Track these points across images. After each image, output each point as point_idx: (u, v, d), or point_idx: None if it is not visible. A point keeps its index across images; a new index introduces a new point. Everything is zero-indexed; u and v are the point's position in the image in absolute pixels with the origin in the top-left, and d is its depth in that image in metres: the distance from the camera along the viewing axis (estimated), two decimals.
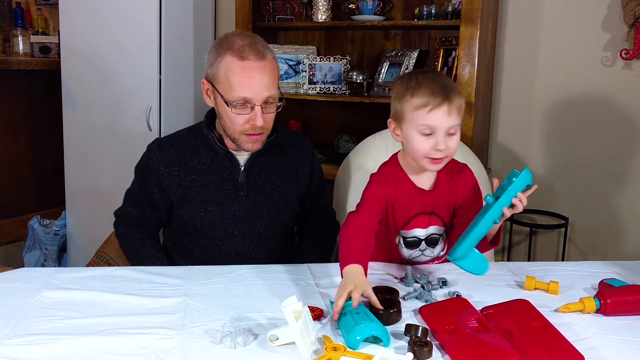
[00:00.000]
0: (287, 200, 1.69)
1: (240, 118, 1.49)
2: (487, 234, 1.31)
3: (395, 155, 1.49)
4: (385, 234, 1.48)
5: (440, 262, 1.53)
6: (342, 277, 1.20)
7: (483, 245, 1.32)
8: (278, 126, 1.64)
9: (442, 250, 1.52)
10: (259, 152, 1.61)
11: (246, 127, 1.51)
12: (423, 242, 1.47)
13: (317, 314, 1.15)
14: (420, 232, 1.46)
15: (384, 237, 1.48)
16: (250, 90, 1.46)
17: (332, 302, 1.18)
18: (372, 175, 1.47)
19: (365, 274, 1.22)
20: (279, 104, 1.54)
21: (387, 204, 1.42)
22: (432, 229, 1.46)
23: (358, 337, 1.02)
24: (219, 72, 1.49)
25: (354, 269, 1.20)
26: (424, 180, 1.44)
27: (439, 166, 1.38)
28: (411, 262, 1.51)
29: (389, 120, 1.42)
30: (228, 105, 1.48)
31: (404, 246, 1.48)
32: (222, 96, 1.49)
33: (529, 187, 1.26)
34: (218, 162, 1.62)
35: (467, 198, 1.46)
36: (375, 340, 1.05)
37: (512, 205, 1.26)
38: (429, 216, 1.45)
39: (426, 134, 1.33)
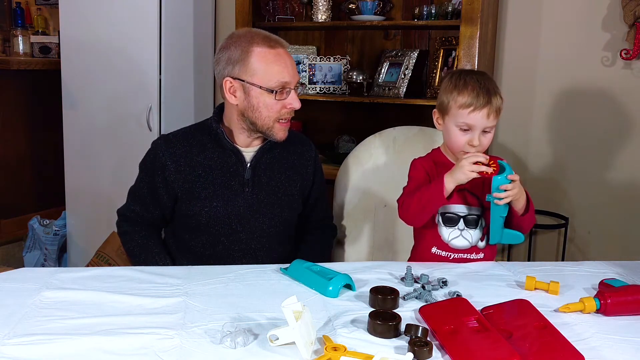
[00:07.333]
0: (291, 198, 1.70)
1: (279, 104, 1.57)
2: (516, 211, 1.48)
3: (438, 147, 1.62)
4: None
5: (478, 259, 1.54)
6: (445, 183, 1.43)
7: (519, 222, 1.49)
8: None
9: (481, 239, 1.54)
10: (265, 149, 1.66)
11: (283, 112, 1.59)
12: (461, 221, 1.52)
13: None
14: (457, 209, 1.52)
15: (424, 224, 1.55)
16: (288, 74, 1.57)
17: (282, 270, 1.37)
18: (413, 159, 1.60)
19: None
20: (300, 89, 1.63)
21: (430, 177, 1.54)
22: (469, 208, 1.52)
23: (336, 287, 1.24)
24: (252, 65, 1.55)
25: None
26: None
27: None
28: (451, 250, 1.53)
29: (434, 110, 1.55)
30: (272, 92, 1.54)
31: (442, 224, 1.53)
32: (260, 86, 1.55)
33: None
34: (224, 157, 1.63)
35: None
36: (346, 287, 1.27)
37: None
38: (465, 193, 1.51)
39: (464, 130, 1.48)
